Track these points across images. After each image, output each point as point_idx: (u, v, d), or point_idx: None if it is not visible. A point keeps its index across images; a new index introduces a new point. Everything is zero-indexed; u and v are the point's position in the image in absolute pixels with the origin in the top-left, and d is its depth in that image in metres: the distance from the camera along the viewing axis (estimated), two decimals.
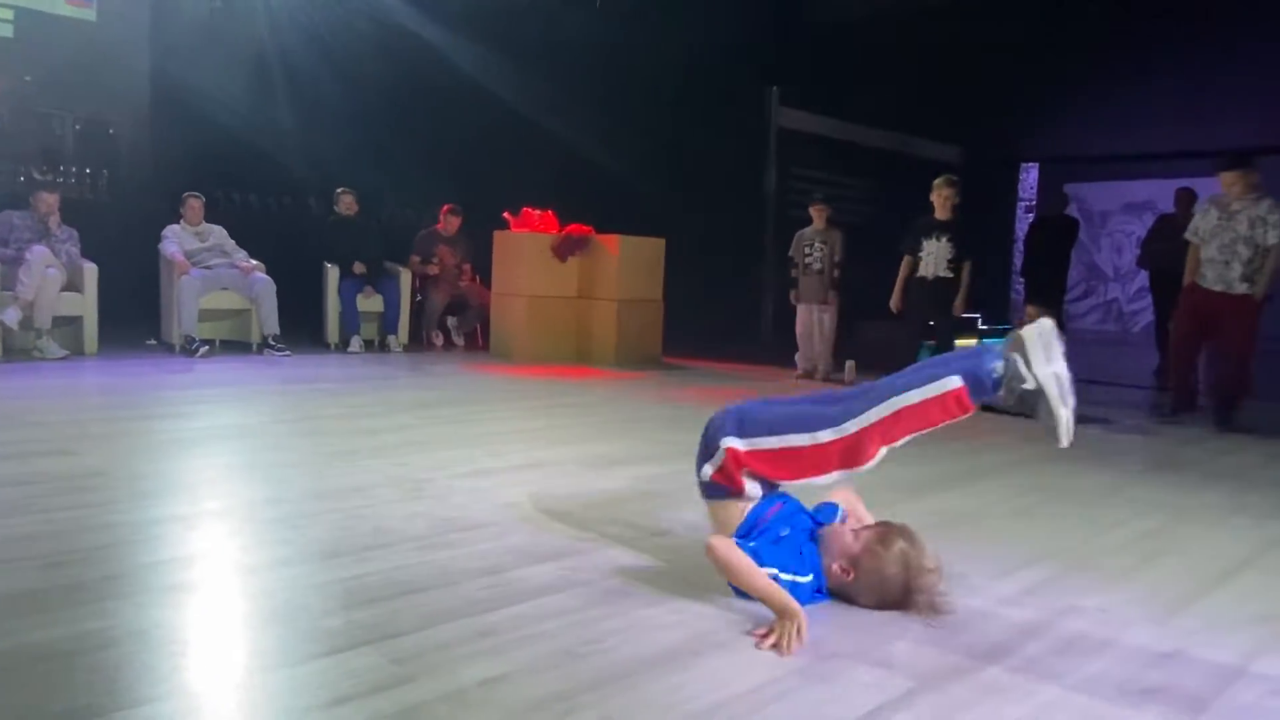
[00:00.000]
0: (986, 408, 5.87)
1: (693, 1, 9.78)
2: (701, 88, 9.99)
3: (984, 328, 8.40)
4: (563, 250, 7.72)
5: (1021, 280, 10.76)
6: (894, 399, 2.14)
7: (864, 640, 2.04)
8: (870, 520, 2.41)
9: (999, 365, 2.12)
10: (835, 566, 2.21)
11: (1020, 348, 2.16)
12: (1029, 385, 2.13)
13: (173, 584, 2.21)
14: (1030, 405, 2.11)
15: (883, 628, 2.12)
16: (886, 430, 2.16)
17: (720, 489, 2.27)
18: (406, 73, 8.83)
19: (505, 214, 7.89)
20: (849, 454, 2.16)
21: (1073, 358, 5.94)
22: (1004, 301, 12.77)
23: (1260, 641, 2.15)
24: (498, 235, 7.93)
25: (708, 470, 2.28)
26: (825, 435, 2.15)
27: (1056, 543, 2.92)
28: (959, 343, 6.57)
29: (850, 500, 2.51)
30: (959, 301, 6.16)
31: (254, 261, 7.17)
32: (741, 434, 2.22)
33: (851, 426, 2.14)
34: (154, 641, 1.89)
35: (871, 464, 2.18)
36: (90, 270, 6.46)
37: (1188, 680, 1.93)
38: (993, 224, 11.80)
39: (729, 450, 2.22)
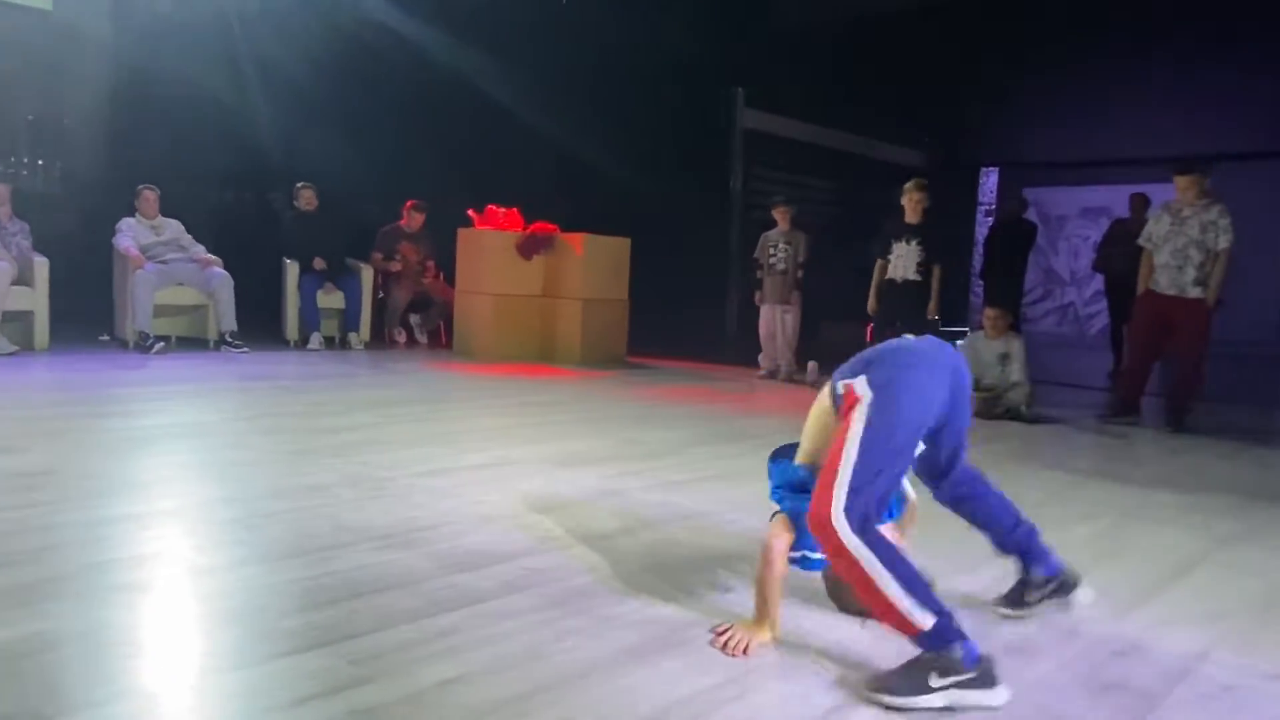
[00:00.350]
0: None
1: (659, 3, 9.79)
2: (668, 88, 10.00)
3: (944, 329, 8.50)
4: (528, 249, 7.68)
5: (980, 283, 10.91)
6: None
7: (824, 639, 2.05)
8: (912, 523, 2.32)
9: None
10: None
11: None
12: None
13: (124, 584, 2.16)
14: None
15: (843, 625, 2.13)
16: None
17: None
18: (371, 67, 8.73)
19: (470, 211, 7.83)
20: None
21: (1031, 359, 6.02)
22: (964, 304, 12.94)
23: (1215, 636, 2.20)
24: (462, 233, 7.86)
25: None
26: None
27: None
28: None
29: (912, 499, 2.35)
30: (932, 305, 6.23)
31: (212, 256, 7.05)
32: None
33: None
34: (103, 643, 1.84)
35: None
36: (41, 264, 6.30)
37: (1143, 675, 1.96)
38: (953, 227, 11.95)
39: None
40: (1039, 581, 2.24)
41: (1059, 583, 2.23)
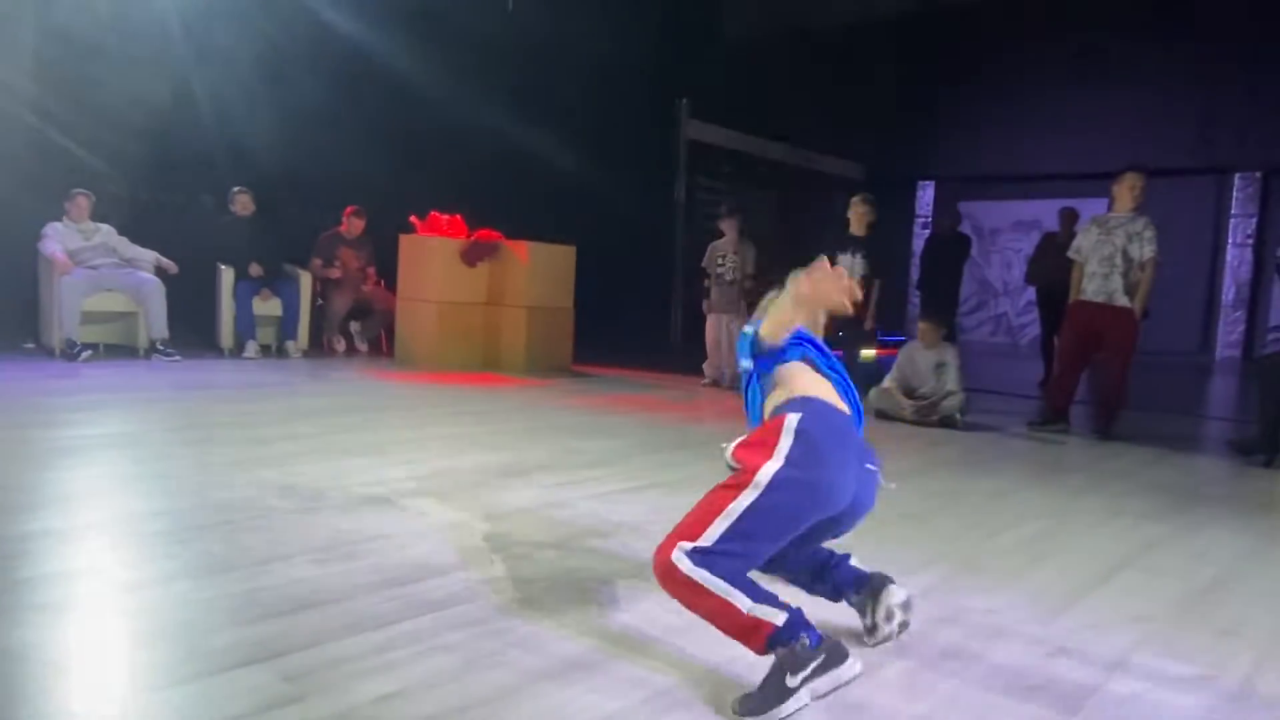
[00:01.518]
0: (880, 414, 6.01)
1: (607, 11, 9.82)
2: (614, 97, 10.04)
3: (882, 339, 8.66)
4: (471, 256, 7.61)
5: (918, 293, 11.14)
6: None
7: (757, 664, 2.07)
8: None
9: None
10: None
11: None
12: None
13: (46, 602, 2.09)
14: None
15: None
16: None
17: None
18: (313, 67, 8.57)
19: (412, 218, 7.74)
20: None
21: (966, 368, 6.14)
22: (901, 314, 13.21)
23: (1137, 638, 2.27)
24: (404, 239, 7.77)
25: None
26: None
27: (948, 546, 3.02)
28: (865, 353, 6.76)
29: None
30: (869, 316, 6.35)
31: (167, 261, 6.89)
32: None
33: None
34: (25, 662, 1.78)
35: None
36: None
37: (1069, 676, 2.02)
38: (891, 240, 12.20)
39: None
40: (859, 601, 2.16)
41: (869, 587, 2.16)
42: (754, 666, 1.94)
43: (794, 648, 1.77)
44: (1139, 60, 10.93)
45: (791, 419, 1.92)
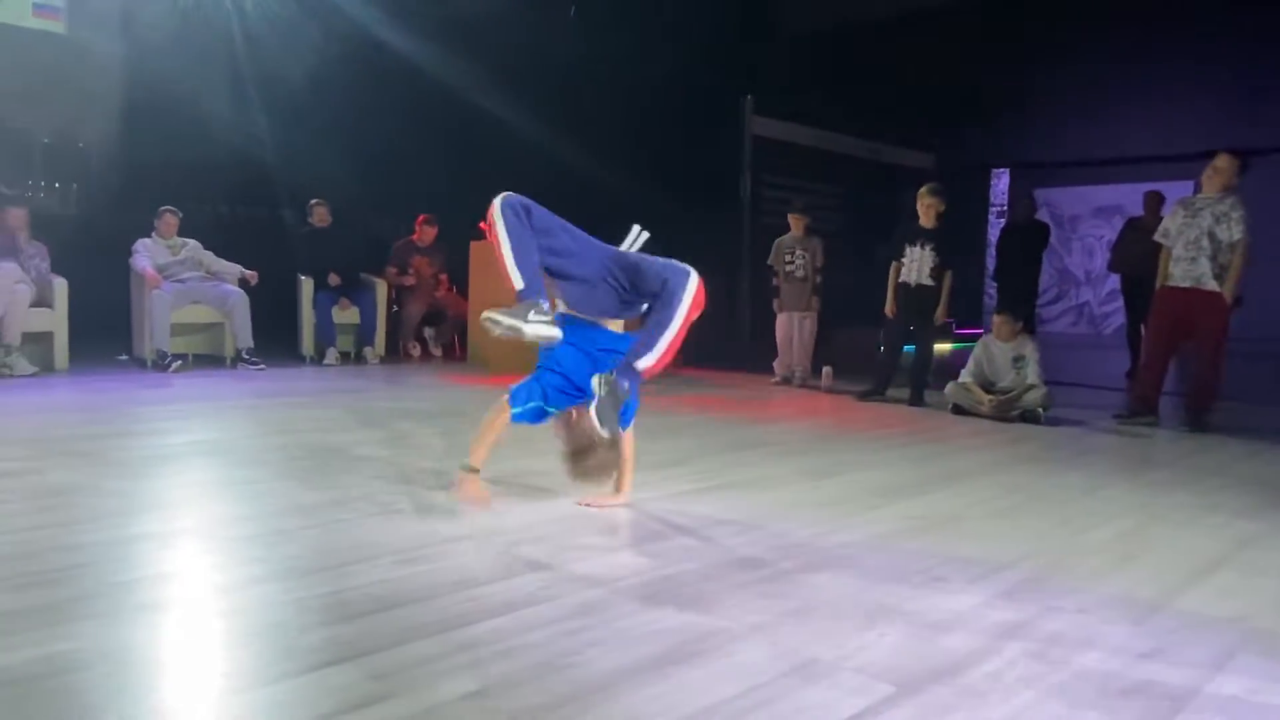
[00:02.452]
0: (958, 409, 5.91)
1: (667, 12, 9.82)
2: (677, 97, 10.03)
3: (959, 332, 8.47)
4: None
5: (994, 285, 10.87)
6: None
7: (844, 645, 2.04)
8: None
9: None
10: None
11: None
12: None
13: (145, 604, 2.18)
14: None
15: (862, 632, 2.12)
16: None
17: None
18: (382, 84, 8.79)
19: (482, 224, 7.85)
20: None
21: (1046, 361, 6.00)
22: (977, 307, 12.90)
23: (1237, 639, 2.18)
24: (474, 245, 7.89)
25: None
26: None
27: (1034, 544, 2.94)
28: (937, 348, 6.62)
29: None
30: (940, 310, 6.22)
31: (250, 272, 7.13)
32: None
33: None
34: (126, 663, 1.86)
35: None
36: (60, 285, 6.38)
37: (1166, 679, 1.95)
38: (965, 230, 11.92)
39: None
40: None
41: None
42: (834, 666, 1.92)
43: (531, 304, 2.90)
44: (1228, 33, 10.45)
45: None
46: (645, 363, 2.90)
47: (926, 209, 6.28)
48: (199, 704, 1.73)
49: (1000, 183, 14.10)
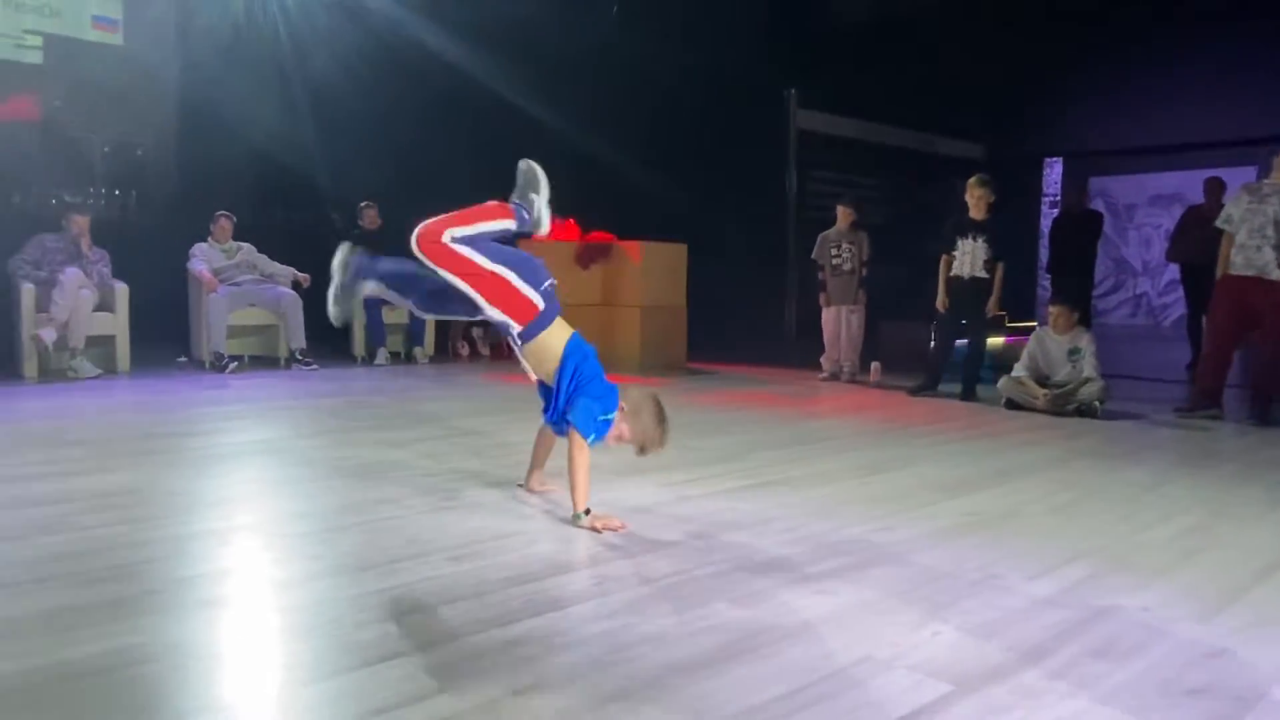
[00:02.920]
0: (1012, 404, 5.80)
1: (710, 6, 9.78)
2: (720, 92, 9.98)
3: (1011, 325, 8.32)
4: (585, 258, 7.73)
5: (1048, 277, 10.65)
6: None
7: (898, 643, 2.02)
8: None
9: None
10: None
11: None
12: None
13: (208, 599, 2.23)
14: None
15: (917, 630, 2.10)
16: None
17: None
18: (426, 86, 8.89)
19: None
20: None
21: (1103, 353, 5.84)
22: (1030, 298, 12.65)
23: None
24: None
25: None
26: None
27: (1093, 541, 2.87)
28: (989, 341, 6.51)
29: None
30: (992, 302, 6.12)
31: (303, 275, 7.26)
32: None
33: None
34: (190, 656, 1.91)
35: None
36: (121, 290, 6.56)
37: (1233, 680, 1.89)
38: (1017, 220, 11.70)
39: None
40: None
41: None
42: (888, 664, 1.90)
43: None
44: None
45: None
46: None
47: (977, 200, 6.17)
48: (259, 697, 1.77)
49: (1053, 172, 13.80)
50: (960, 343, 6.40)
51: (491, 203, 3.19)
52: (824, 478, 3.69)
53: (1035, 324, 8.20)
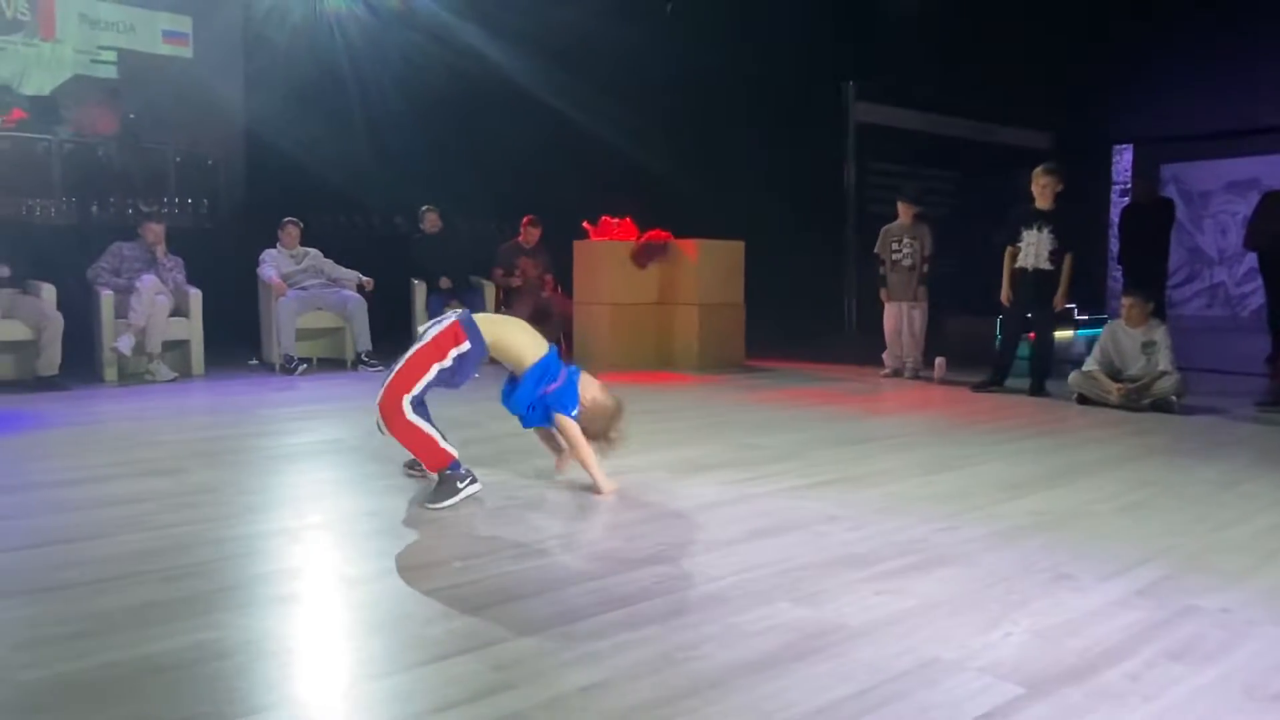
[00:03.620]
0: (1084, 400, 5.65)
1: (766, 4, 9.71)
2: (776, 87, 9.91)
3: (1081, 319, 8.10)
4: (642, 257, 7.74)
5: (1119, 268, 10.34)
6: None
7: (968, 644, 1.98)
8: None
9: None
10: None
11: None
12: None
13: (281, 595, 2.30)
14: None
15: (986, 632, 2.06)
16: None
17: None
18: (483, 91, 9.01)
19: (585, 224, 7.97)
20: None
21: (1179, 345, 5.67)
22: (1100, 291, 12.29)
23: None
24: (578, 245, 8.01)
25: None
26: None
27: (1168, 540, 2.79)
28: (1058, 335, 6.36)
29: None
30: (1059, 295, 5.97)
31: (367, 278, 7.41)
32: None
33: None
34: (265, 651, 1.96)
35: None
36: (195, 296, 6.77)
37: None
38: (1086, 210, 11.38)
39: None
40: None
41: None
42: (958, 665, 1.87)
43: (459, 473, 3.14)
44: None
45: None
46: None
47: (1042, 189, 6.02)
48: (332, 691, 1.81)
49: (1123, 159, 13.39)
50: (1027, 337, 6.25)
51: (427, 345, 3.34)
52: (887, 476, 3.65)
53: (1106, 316, 7.97)
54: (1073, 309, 7.37)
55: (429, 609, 2.18)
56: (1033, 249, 5.99)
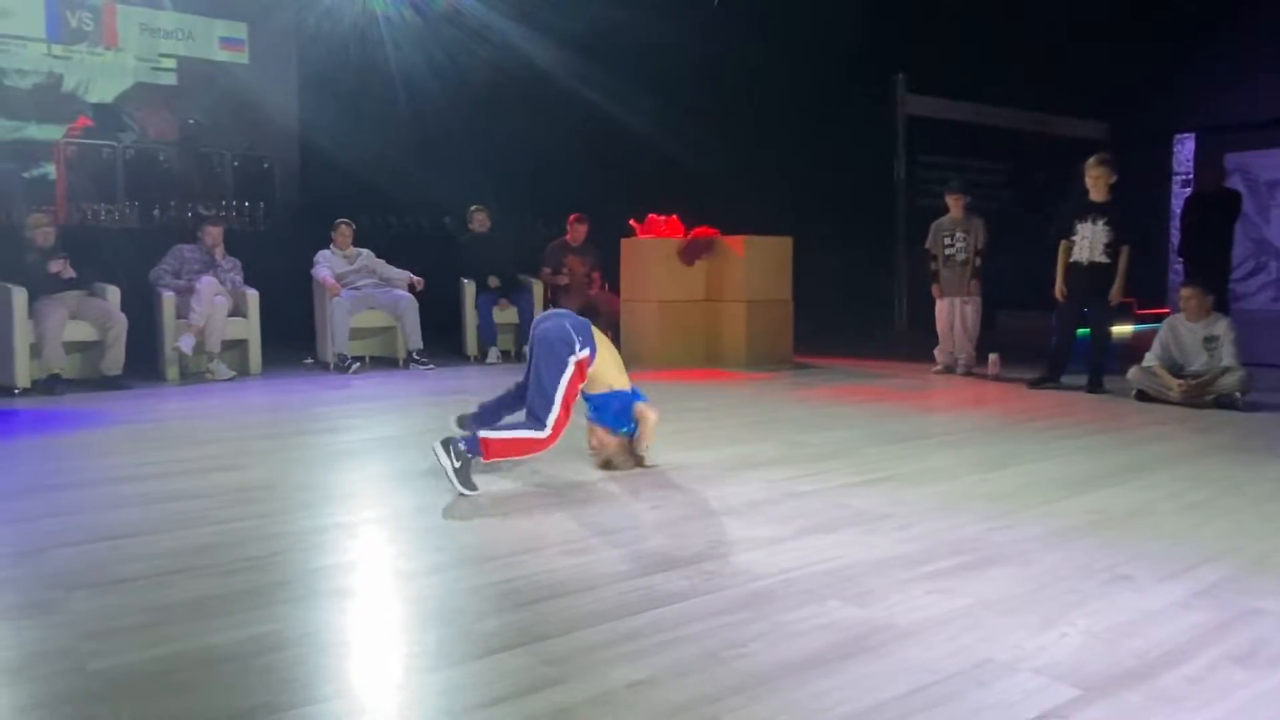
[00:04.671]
0: (1143, 396, 5.51)
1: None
2: (824, 82, 9.82)
3: (1139, 313, 7.90)
4: (689, 254, 7.73)
5: (1180, 261, 10.06)
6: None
7: (1022, 645, 1.95)
8: None
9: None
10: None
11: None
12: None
13: (337, 589, 2.35)
14: None
15: (1042, 632, 2.02)
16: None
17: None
18: (529, 93, 9.08)
19: (631, 221, 7.98)
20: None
21: (1243, 340, 5.49)
22: (1161, 284, 11.96)
23: None
24: (625, 243, 8.02)
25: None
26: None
27: (1231, 541, 2.71)
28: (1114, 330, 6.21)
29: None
30: (1115, 289, 5.83)
31: (417, 278, 7.52)
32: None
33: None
34: (321, 644, 2.01)
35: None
36: (253, 296, 6.93)
37: None
38: (1145, 202, 11.08)
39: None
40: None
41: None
42: (1011, 666, 1.84)
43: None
44: None
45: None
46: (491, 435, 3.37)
47: (1095, 181, 5.89)
48: (386, 684, 1.84)
49: (1185, 148, 12.99)
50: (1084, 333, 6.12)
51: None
52: (940, 474, 3.60)
53: (1167, 310, 7.76)
54: (1131, 303, 7.19)
55: (481, 604, 2.21)
56: (1087, 242, 5.85)
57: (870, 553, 2.59)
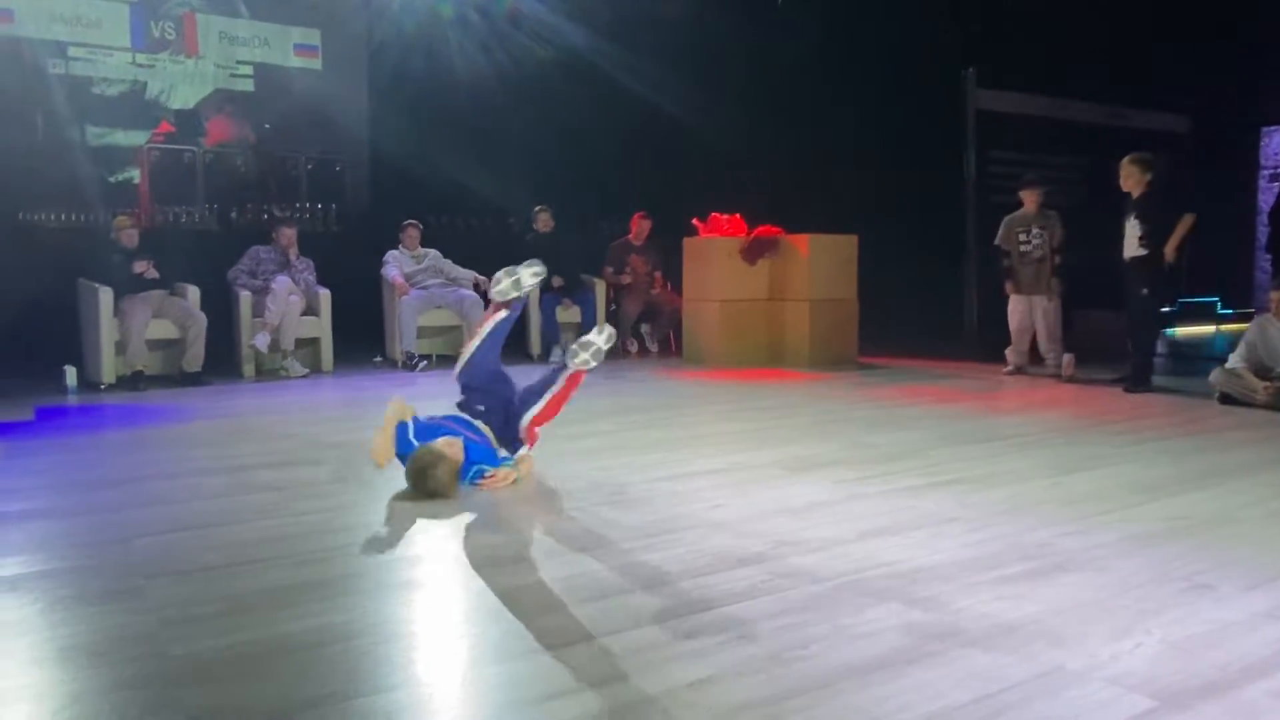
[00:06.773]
0: (1227, 399, 5.31)
1: None
2: (892, 77, 9.66)
3: (1223, 312, 7.61)
4: (751, 253, 7.68)
5: (1268, 257, 9.64)
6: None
7: (1095, 653, 1.90)
8: None
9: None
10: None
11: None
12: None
13: (404, 581, 2.40)
14: None
15: (1116, 641, 1.96)
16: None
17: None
18: (592, 94, 9.11)
19: (694, 220, 7.97)
20: None
21: None
22: (1248, 281, 11.48)
23: None
24: (687, 242, 8.01)
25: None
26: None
27: None
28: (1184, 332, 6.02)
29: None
30: (1170, 245, 5.78)
31: (481, 277, 7.62)
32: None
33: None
34: (388, 634, 2.05)
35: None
36: (325, 296, 7.11)
37: None
38: (1231, 196, 10.64)
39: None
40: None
41: None
42: (1082, 675, 1.79)
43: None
44: None
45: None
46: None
47: (1128, 178, 5.96)
48: (451, 674, 1.88)
49: (1272, 142, 12.46)
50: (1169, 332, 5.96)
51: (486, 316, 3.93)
52: (1010, 477, 3.51)
53: (1254, 310, 7.45)
54: (1215, 302, 6.95)
55: (544, 598, 2.23)
56: (1124, 238, 5.87)
57: (937, 556, 2.55)
